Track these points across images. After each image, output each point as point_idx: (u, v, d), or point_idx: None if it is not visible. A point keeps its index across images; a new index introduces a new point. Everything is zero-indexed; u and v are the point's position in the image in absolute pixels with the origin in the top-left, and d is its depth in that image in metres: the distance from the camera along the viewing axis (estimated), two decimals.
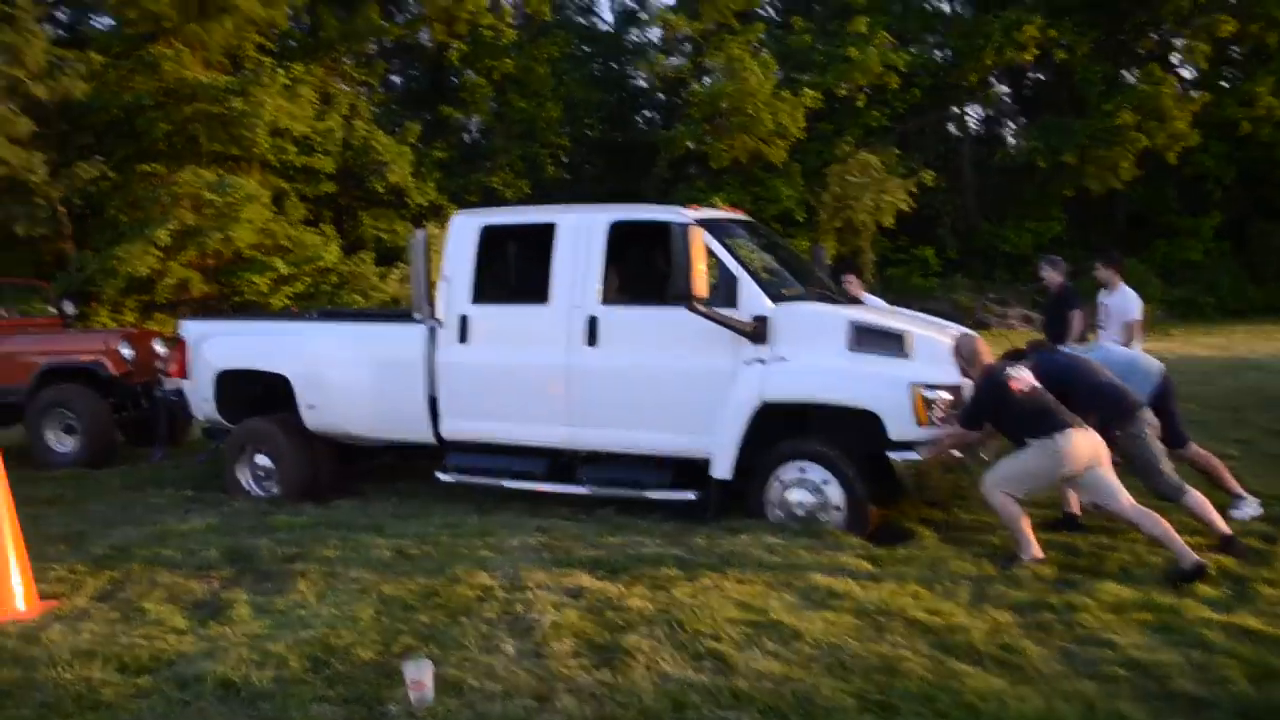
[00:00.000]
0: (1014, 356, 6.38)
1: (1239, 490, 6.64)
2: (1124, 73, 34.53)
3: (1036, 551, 5.71)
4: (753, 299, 6.71)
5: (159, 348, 11.01)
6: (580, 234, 7.20)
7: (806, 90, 29.21)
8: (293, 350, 8.04)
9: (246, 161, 24.87)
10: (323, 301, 24.21)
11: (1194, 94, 32.21)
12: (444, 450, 7.77)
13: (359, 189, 28.07)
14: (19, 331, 11.06)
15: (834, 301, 7.35)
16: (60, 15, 28.95)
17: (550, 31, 32.45)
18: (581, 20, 38.95)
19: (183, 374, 8.74)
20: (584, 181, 34.04)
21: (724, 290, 6.81)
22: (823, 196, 29.30)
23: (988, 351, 6.32)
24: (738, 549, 5.98)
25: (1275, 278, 33.44)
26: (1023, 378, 5.85)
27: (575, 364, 7.09)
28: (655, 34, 36.91)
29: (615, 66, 38.82)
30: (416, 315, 7.86)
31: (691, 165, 33.38)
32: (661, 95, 38.66)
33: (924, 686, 4.05)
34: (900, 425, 6.25)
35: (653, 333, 7.02)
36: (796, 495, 6.56)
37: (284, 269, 23.79)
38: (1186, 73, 35.05)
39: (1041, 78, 38.03)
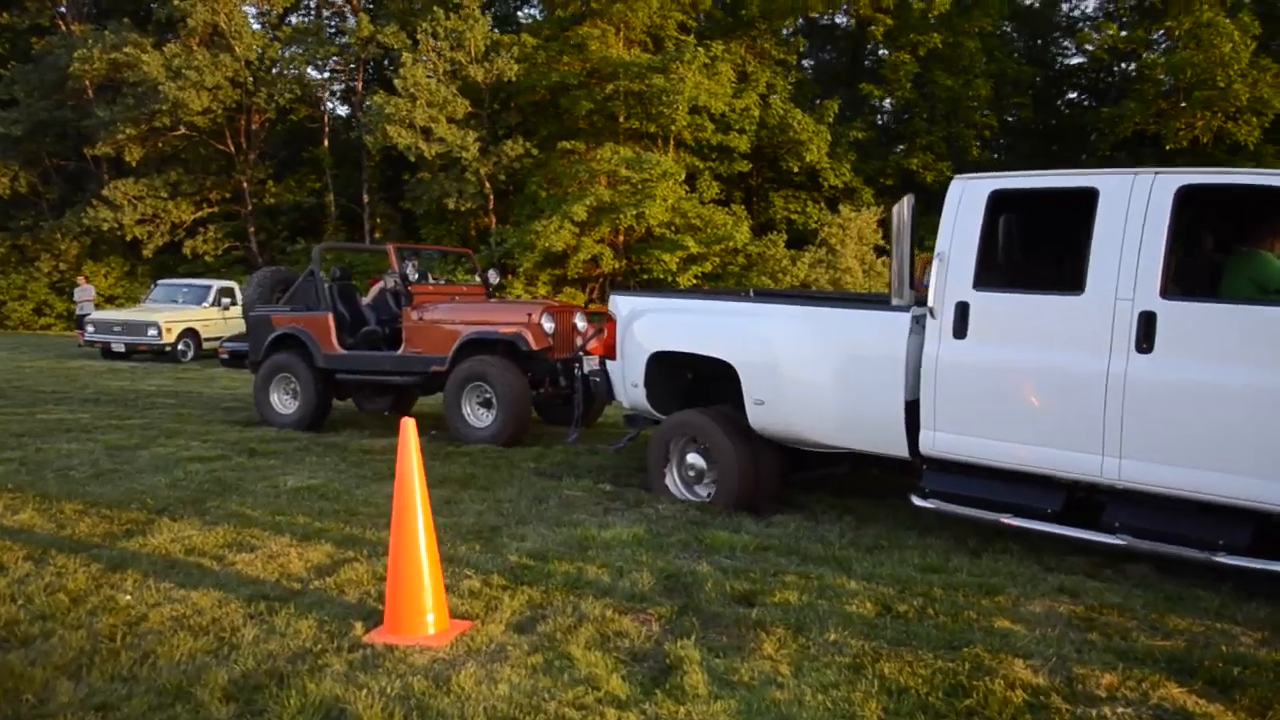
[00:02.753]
0: None
1: None
2: None
3: None
4: None
5: (580, 323, 10.35)
6: (1135, 204, 5.34)
7: None
8: (743, 334, 6.77)
9: (662, 139, 24.70)
10: (730, 282, 23.56)
11: None
12: (916, 467, 6.24)
13: (771, 169, 27.18)
14: (446, 300, 10.80)
15: None
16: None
17: (982, 3, 29.77)
18: None
19: (609, 354, 7.84)
20: (1010, 165, 31.04)
21: None
22: None
23: None
24: None
25: None
26: None
27: (1120, 374, 5.26)
28: (1091, 4, 33.14)
29: (1038, 43, 35.21)
30: (895, 300, 6.35)
31: (1124, 150, 29.42)
32: (1094, 73, 34.63)
33: None
34: None
35: (1240, 338, 5.04)
36: None
37: (694, 247, 23.33)
38: None
39: None
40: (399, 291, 10.56)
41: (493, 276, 12.24)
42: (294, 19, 30.81)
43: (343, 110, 32.11)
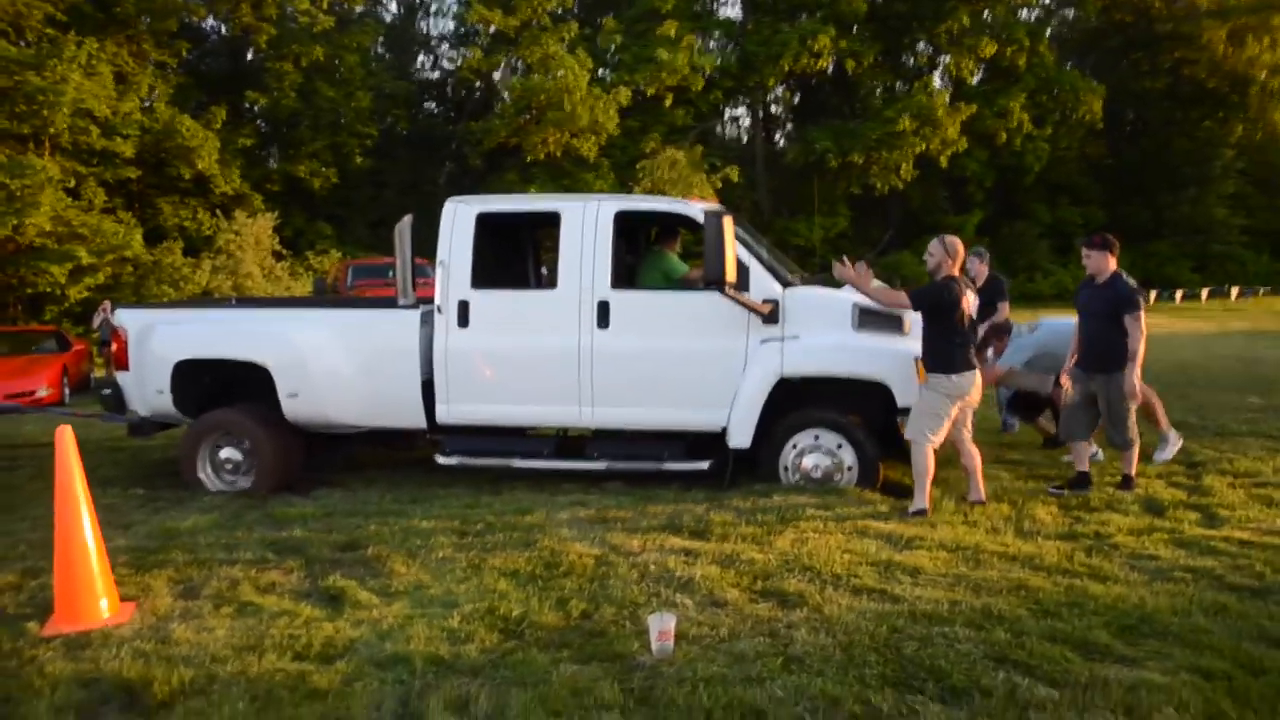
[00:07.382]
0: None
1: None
2: (900, 84, 37.63)
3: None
4: (763, 284, 7.12)
5: None
6: (588, 222, 7.33)
7: (621, 88, 29.89)
8: (274, 338, 7.68)
9: (36, 142, 22.90)
10: (126, 294, 22.68)
11: (961, 105, 35.30)
12: (433, 435, 7.75)
13: (156, 176, 26.39)
14: None
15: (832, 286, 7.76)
16: None
17: (362, 20, 31.61)
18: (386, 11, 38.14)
19: (121, 366, 8.21)
20: (391, 172, 33.28)
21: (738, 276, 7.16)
22: (634, 191, 30.18)
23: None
24: (787, 507, 6.35)
25: (1025, 269, 37.37)
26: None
27: (588, 346, 7.25)
28: (447, 27, 36.89)
29: (400, 59, 38.11)
30: (402, 301, 7.77)
31: (491, 158, 33.31)
32: (452, 88, 38.32)
33: (1062, 595, 4.68)
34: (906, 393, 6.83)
35: (666, 315, 7.29)
36: (812, 460, 7.06)
37: (86, 258, 22.06)
38: (952, 86, 38.39)
39: (823, 84, 40.45)
40: None
41: None
42: None
43: None
